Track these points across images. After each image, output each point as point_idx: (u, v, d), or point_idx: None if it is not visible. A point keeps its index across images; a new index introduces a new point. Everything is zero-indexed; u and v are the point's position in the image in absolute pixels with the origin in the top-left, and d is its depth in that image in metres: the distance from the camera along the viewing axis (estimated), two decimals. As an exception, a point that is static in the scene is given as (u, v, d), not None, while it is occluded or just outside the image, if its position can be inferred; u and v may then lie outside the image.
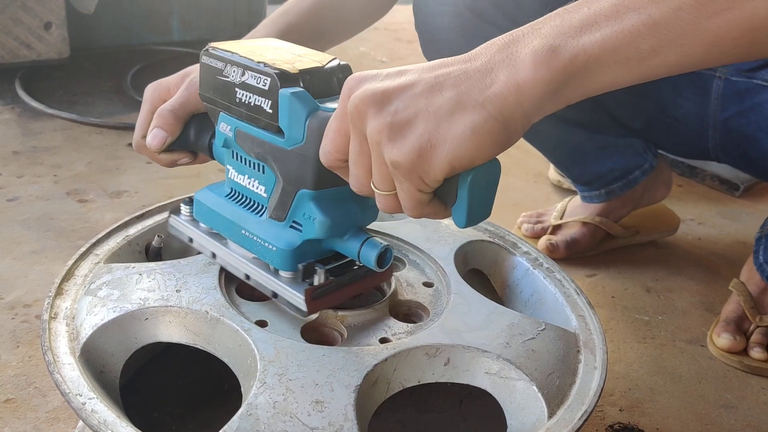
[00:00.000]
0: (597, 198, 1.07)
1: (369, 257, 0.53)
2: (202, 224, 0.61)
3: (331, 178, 0.51)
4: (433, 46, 0.95)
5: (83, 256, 0.65)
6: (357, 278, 0.56)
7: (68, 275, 0.62)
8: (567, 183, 1.33)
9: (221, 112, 0.57)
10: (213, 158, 0.63)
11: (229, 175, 0.59)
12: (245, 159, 0.57)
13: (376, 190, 0.47)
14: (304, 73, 0.51)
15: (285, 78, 0.51)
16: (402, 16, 1.00)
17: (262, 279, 0.56)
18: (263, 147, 0.54)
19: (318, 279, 0.54)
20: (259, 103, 0.52)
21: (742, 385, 0.84)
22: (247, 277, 0.57)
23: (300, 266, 0.54)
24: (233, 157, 0.58)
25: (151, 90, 0.67)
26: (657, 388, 0.82)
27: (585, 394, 0.54)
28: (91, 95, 1.58)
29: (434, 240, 0.70)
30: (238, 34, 2.08)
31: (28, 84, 1.54)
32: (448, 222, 0.75)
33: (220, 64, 0.55)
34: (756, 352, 0.86)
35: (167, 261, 0.63)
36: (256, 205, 0.57)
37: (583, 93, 0.43)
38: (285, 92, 0.50)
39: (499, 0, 0.89)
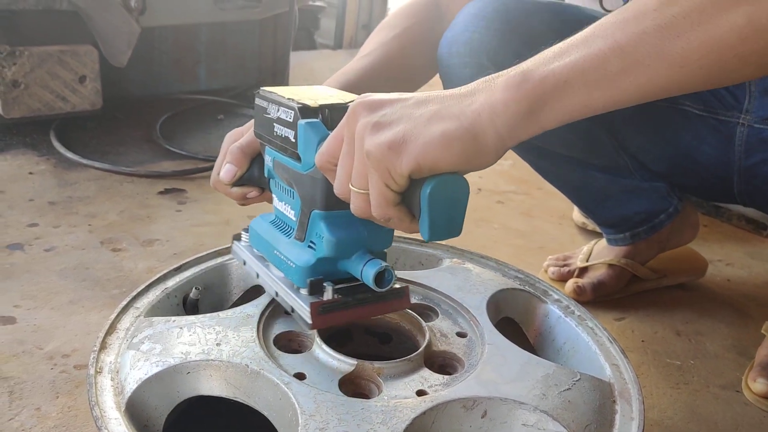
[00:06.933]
0: (622, 241, 1.08)
1: (368, 275, 0.56)
2: (255, 249, 0.68)
3: (341, 201, 0.55)
4: None
5: (124, 310, 0.67)
6: (367, 301, 0.59)
7: (111, 329, 0.64)
8: (591, 225, 1.34)
9: (266, 146, 0.64)
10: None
11: (273, 203, 0.66)
12: (282, 186, 0.63)
13: (351, 188, 0.50)
14: (323, 107, 0.57)
15: (305, 111, 0.57)
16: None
17: (285, 295, 0.61)
18: (289, 173, 0.60)
19: (326, 295, 0.57)
20: (287, 135, 0.59)
21: (780, 432, 0.83)
22: (277, 294, 0.62)
23: (308, 281, 0.57)
24: (275, 186, 0.65)
25: (227, 136, 0.74)
26: (693, 435, 0.81)
27: (623, 446, 0.54)
28: (122, 144, 1.63)
29: (466, 289, 0.71)
30: (262, 81, 2.13)
31: (62, 135, 1.59)
32: (478, 271, 0.76)
33: (265, 104, 0.62)
34: (793, 398, 0.85)
35: (207, 314, 0.65)
36: (288, 228, 0.63)
37: (556, 117, 0.46)
38: (302, 122, 0.56)
39: (520, 52, 0.91)
